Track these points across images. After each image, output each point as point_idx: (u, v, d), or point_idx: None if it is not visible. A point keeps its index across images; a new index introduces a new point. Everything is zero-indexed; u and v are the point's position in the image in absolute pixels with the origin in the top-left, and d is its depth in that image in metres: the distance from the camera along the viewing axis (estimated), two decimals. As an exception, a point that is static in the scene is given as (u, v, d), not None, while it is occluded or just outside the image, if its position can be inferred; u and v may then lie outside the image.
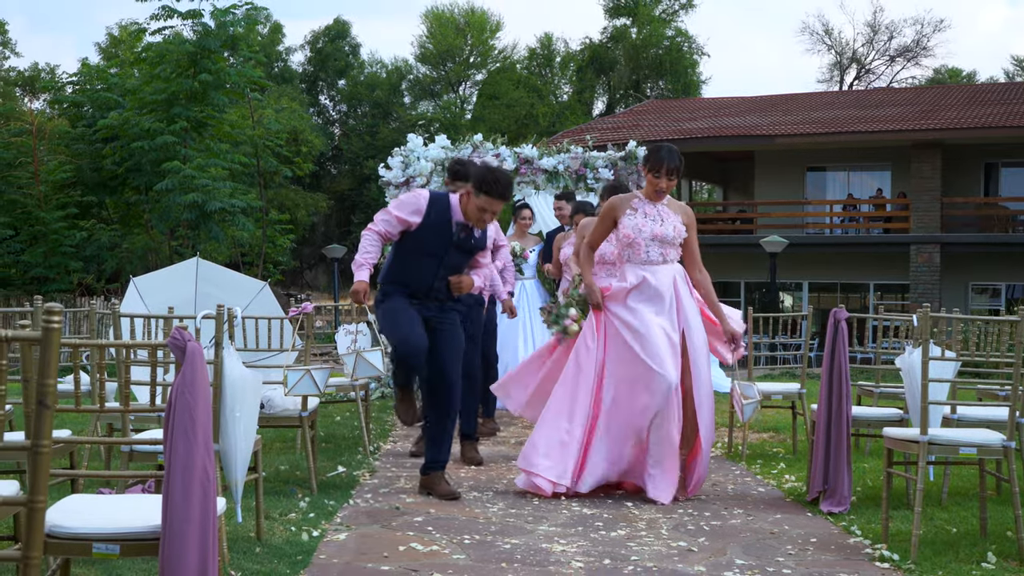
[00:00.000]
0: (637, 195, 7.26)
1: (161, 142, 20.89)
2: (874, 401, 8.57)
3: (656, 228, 7.07)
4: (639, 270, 7.09)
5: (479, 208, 6.73)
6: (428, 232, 6.79)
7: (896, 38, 54.66)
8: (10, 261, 22.46)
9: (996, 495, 7.07)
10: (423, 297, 6.87)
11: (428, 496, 6.91)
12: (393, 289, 6.90)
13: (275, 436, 9.40)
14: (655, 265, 7.09)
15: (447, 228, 6.81)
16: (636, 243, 7.08)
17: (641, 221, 7.10)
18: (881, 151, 31.15)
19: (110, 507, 3.83)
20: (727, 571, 5.20)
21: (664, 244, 7.10)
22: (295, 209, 40.63)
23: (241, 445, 5.27)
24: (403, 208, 6.82)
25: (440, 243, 6.81)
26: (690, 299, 7.17)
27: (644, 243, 7.07)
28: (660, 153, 7.12)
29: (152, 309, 7.07)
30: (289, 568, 5.09)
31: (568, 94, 56.79)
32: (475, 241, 6.96)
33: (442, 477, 6.99)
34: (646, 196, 7.20)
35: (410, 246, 6.85)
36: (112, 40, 47.93)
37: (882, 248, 29.99)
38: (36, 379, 2.31)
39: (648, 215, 7.12)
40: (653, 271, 7.07)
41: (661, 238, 7.08)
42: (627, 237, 7.11)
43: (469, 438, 8.54)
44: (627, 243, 7.12)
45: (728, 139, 31.03)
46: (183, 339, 3.55)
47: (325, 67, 55.88)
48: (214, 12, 22.22)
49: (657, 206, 7.18)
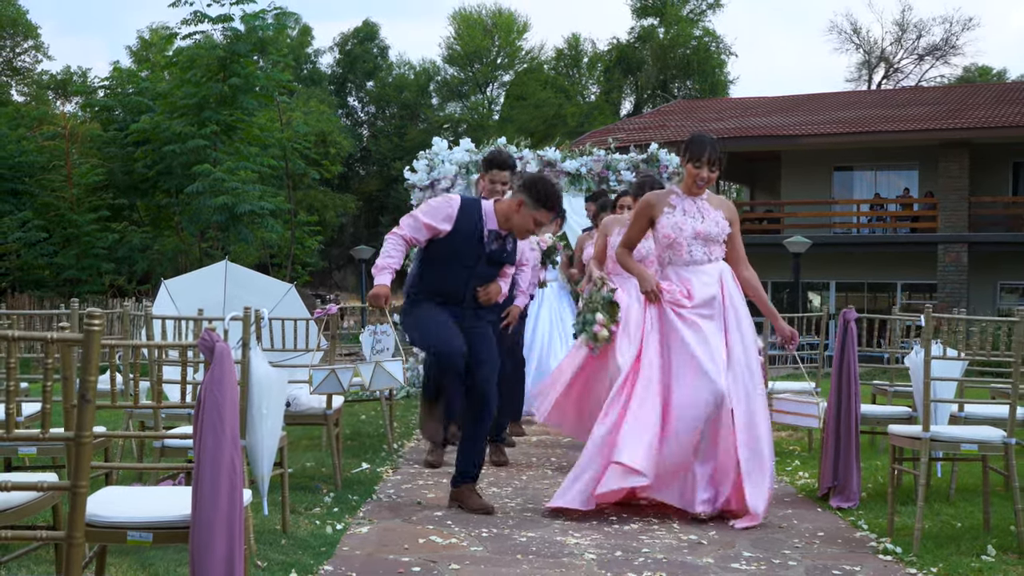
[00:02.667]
0: (675, 190, 6.68)
1: (191, 145, 21.23)
2: (888, 400, 8.72)
3: (698, 225, 6.51)
4: (683, 272, 6.54)
5: (536, 222, 6.40)
6: (458, 241, 6.41)
7: (925, 36, 54.62)
8: (43, 263, 22.85)
9: (1005, 491, 7.22)
10: (454, 305, 6.53)
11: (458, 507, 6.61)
12: (422, 297, 6.58)
13: (302, 434, 9.64)
14: (700, 265, 6.53)
15: (479, 237, 6.44)
16: (677, 243, 6.52)
17: (681, 219, 6.53)
18: (908, 150, 31.18)
19: (143, 498, 4.06)
20: (734, 563, 5.40)
21: (708, 242, 6.54)
22: (324, 210, 41.00)
23: (267, 441, 5.50)
24: (433, 214, 6.43)
25: (470, 253, 6.45)
26: (741, 301, 6.60)
27: (686, 243, 6.51)
28: (703, 141, 6.55)
29: (182, 311, 7.32)
30: (313, 559, 5.31)
31: (596, 94, 56.97)
32: (507, 254, 6.62)
33: (473, 490, 6.63)
34: (684, 191, 6.62)
35: (438, 254, 6.48)
36: (143, 44, 48.42)
37: (910, 248, 30.01)
38: (80, 376, 2.54)
39: (688, 212, 6.55)
40: (698, 273, 6.52)
41: (705, 236, 6.51)
42: (667, 237, 6.53)
43: (497, 440, 8.45)
44: (667, 244, 6.55)
45: (754, 139, 31.13)
46: (212, 340, 3.77)
47: (354, 69, 56.27)
48: (243, 17, 22.53)
49: (697, 201, 6.60)
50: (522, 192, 6.41)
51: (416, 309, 6.60)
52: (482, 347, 6.54)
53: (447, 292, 6.52)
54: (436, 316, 6.48)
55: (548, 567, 5.29)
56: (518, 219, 6.42)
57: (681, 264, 6.55)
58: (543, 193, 6.34)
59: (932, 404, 6.72)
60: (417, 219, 6.45)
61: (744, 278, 6.69)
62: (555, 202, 6.38)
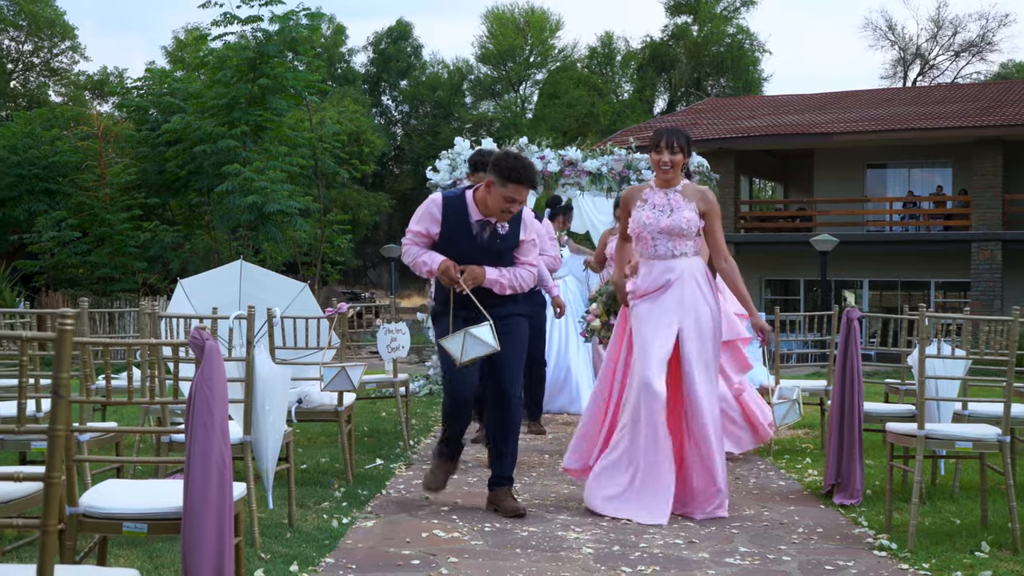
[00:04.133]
0: (650, 184, 6.73)
1: (222, 145, 21.42)
2: (900, 398, 8.75)
3: (664, 220, 6.53)
4: (646, 265, 6.64)
5: (505, 199, 6.11)
6: (450, 239, 6.27)
7: (960, 33, 54.21)
8: (77, 262, 23.14)
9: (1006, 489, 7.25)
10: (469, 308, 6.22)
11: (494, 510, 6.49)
12: (443, 310, 6.38)
13: (320, 430, 9.78)
14: (664, 260, 6.57)
15: (468, 230, 6.25)
16: (643, 237, 6.61)
17: (648, 213, 6.59)
18: (942, 148, 31.03)
19: (140, 491, 4.21)
20: (729, 557, 5.48)
21: (674, 237, 6.53)
22: (358, 209, 41.23)
23: (271, 437, 5.64)
24: (421, 221, 6.34)
25: (465, 248, 6.24)
26: (701, 301, 6.55)
27: (651, 237, 6.57)
28: (658, 130, 6.64)
29: (198, 309, 7.45)
30: (316, 551, 5.44)
31: (629, 92, 56.95)
32: (502, 240, 6.31)
33: (508, 493, 6.51)
34: (657, 183, 6.66)
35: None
36: (178, 44, 48.89)
37: (943, 246, 29.86)
38: (54, 374, 2.67)
39: (657, 206, 6.59)
40: (662, 267, 6.56)
41: (669, 230, 6.52)
42: (634, 232, 6.66)
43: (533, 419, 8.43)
44: (636, 237, 6.67)
45: (787, 137, 31.06)
46: (202, 338, 3.90)
47: (387, 68, 56.55)
48: (274, 18, 22.72)
49: (668, 194, 6.60)
50: (489, 170, 6.19)
51: (442, 326, 6.42)
52: (507, 349, 6.29)
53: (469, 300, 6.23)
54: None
55: (545, 560, 5.39)
56: (491, 200, 6.19)
57: (647, 257, 6.65)
58: (508, 167, 6.07)
59: (937, 402, 6.82)
60: (412, 231, 6.40)
61: (723, 270, 6.71)
62: (523, 174, 6.06)
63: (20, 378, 2.78)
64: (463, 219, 6.27)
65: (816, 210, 32.77)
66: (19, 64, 47.34)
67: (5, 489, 4.08)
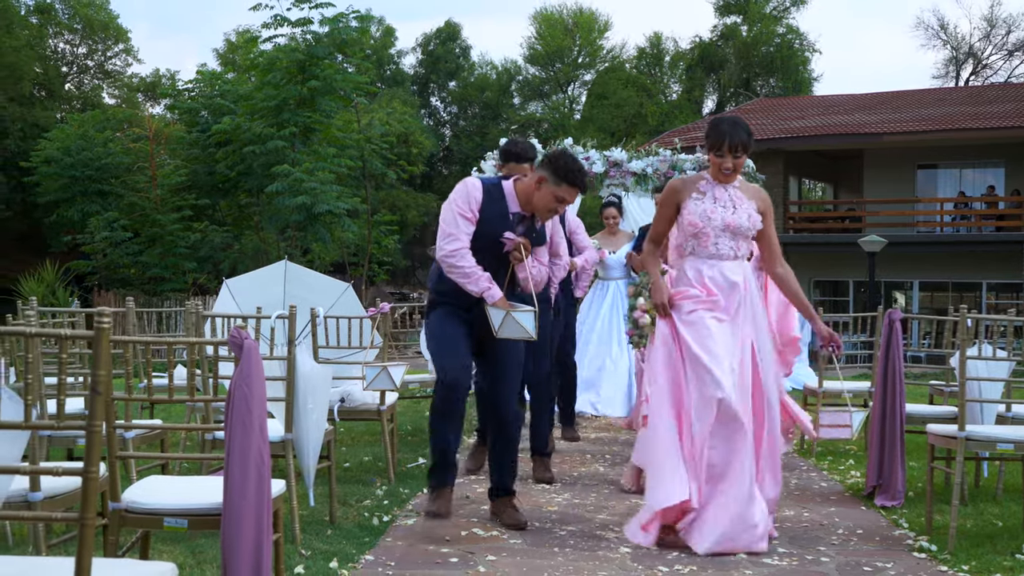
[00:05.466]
0: (704, 176, 6.07)
1: (271, 147, 21.66)
2: (944, 400, 8.70)
3: (728, 216, 5.90)
4: (701, 266, 5.94)
5: (557, 199, 5.89)
6: (487, 227, 5.94)
7: (1014, 32, 53.50)
8: (129, 262, 23.49)
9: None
10: (479, 304, 5.96)
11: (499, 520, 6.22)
12: (443, 300, 6.12)
13: (365, 429, 9.86)
14: (724, 261, 5.92)
15: (505, 221, 5.97)
16: (704, 233, 5.90)
17: (711, 207, 5.92)
18: (995, 148, 30.70)
19: (182, 487, 4.29)
20: (767, 558, 5.48)
21: (737, 236, 5.92)
22: (406, 210, 41.43)
23: (312, 435, 5.72)
24: (463, 202, 5.94)
25: (495, 240, 5.94)
26: (761, 309, 6.08)
27: (714, 233, 5.90)
28: (721, 126, 5.92)
29: (244, 309, 7.56)
30: (355, 548, 5.50)
31: (677, 93, 56.79)
32: (536, 236, 6.10)
33: (510, 503, 6.24)
34: (713, 177, 6.03)
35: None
36: (229, 46, 49.33)
37: (995, 247, 29.54)
38: (92, 370, 2.74)
39: (719, 200, 5.95)
40: (720, 268, 5.92)
41: (734, 228, 5.90)
42: (693, 226, 5.91)
43: (541, 454, 7.81)
44: (693, 232, 5.93)
45: (837, 137, 30.88)
46: (240, 337, 3.96)
47: (436, 69, 56.71)
48: (324, 20, 22.92)
49: (728, 189, 5.99)
50: (542, 168, 5.94)
51: (434, 316, 6.18)
52: (505, 353, 6.09)
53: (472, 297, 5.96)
54: (450, 333, 6.06)
55: (582, 559, 5.42)
56: (539, 198, 5.93)
57: (704, 256, 5.94)
58: (564, 168, 5.86)
59: (979, 404, 6.78)
60: (459, 215, 5.92)
61: (778, 276, 6.18)
62: (577, 176, 5.88)
63: (59, 375, 2.85)
64: (503, 210, 5.99)
65: (866, 211, 32.55)
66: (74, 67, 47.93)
67: (47, 484, 4.17)
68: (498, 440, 6.28)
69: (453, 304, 6.07)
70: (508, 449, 6.28)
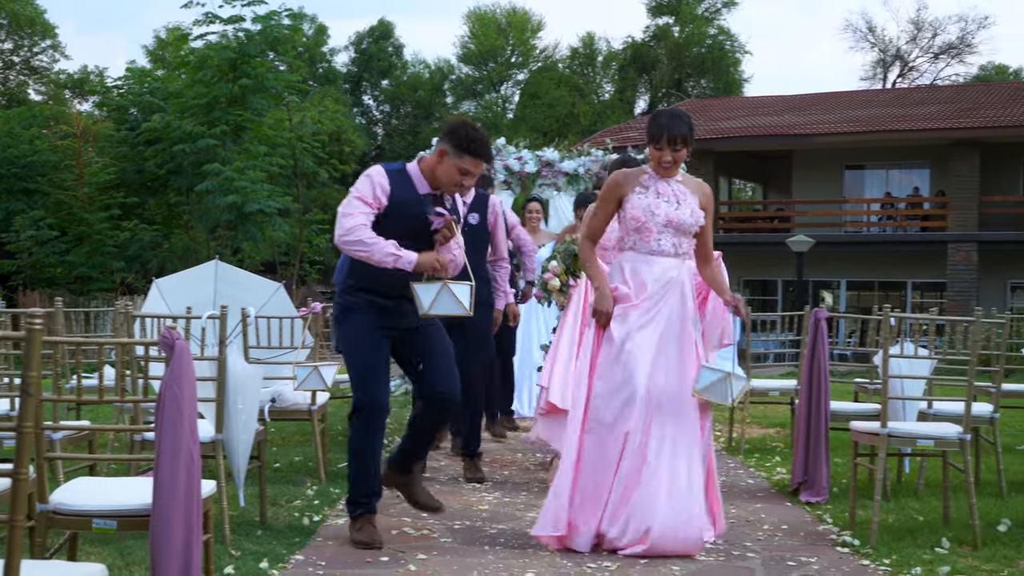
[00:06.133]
0: (646, 170, 5.91)
1: (202, 145, 21.49)
2: (868, 398, 8.86)
3: (672, 212, 5.77)
4: (639, 263, 5.82)
5: (460, 171, 5.51)
6: (401, 213, 5.53)
7: (940, 35, 54.52)
8: (55, 261, 23.17)
9: (978, 485, 7.37)
10: (396, 301, 5.63)
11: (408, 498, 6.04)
12: (356, 302, 5.68)
13: (296, 429, 9.84)
14: (665, 257, 5.80)
15: (419, 204, 5.55)
16: (646, 228, 5.77)
17: (654, 201, 5.78)
18: (920, 149, 31.21)
19: (110, 488, 4.27)
20: (690, 555, 5.56)
21: (679, 232, 5.80)
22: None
23: (242, 435, 5.71)
24: (364, 187, 5.50)
25: (414, 225, 5.54)
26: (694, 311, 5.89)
27: (656, 229, 5.77)
28: (660, 119, 5.78)
29: (173, 309, 7.50)
30: (286, 549, 5.50)
31: (610, 93, 57.07)
32: (453, 212, 5.74)
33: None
34: (655, 171, 5.87)
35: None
36: (159, 43, 48.76)
37: (920, 247, 30.04)
38: (23, 372, 2.73)
39: (662, 194, 5.80)
40: (660, 264, 5.79)
41: (677, 225, 5.78)
42: (636, 220, 5.78)
43: (471, 456, 7.75)
44: (635, 227, 5.80)
45: (766, 138, 31.26)
46: (171, 338, 3.96)
47: (369, 67, 56.47)
48: (256, 18, 22.77)
49: (671, 183, 5.85)
50: (443, 140, 5.56)
51: (348, 321, 5.72)
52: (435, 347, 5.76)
53: (390, 282, 5.55)
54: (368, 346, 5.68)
55: (512, 557, 5.47)
56: (442, 171, 5.55)
57: (645, 252, 5.81)
58: (466, 138, 5.49)
59: (902, 401, 6.93)
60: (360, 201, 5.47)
61: (707, 277, 6.02)
62: (480, 146, 5.50)
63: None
64: (412, 193, 5.57)
65: (795, 211, 32.96)
66: (-1, 63, 47.18)
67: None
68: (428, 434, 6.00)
69: (365, 307, 5.66)
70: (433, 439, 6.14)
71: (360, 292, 5.66)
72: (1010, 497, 7.00)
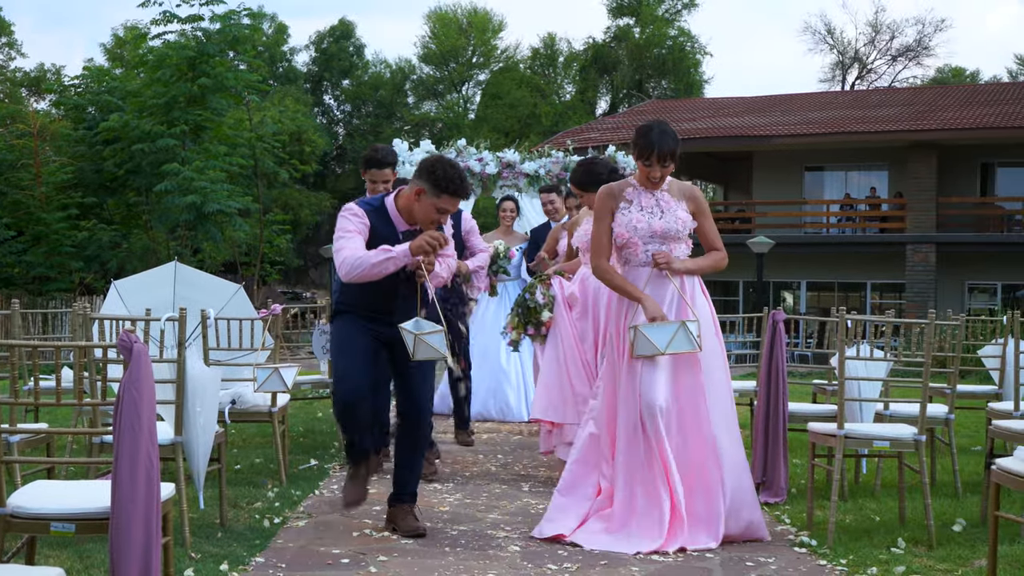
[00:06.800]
0: (631, 182, 6.04)
1: (161, 144, 21.35)
2: (827, 399, 8.93)
3: (656, 222, 5.92)
4: (638, 277, 5.98)
5: (438, 210, 5.68)
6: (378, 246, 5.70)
7: (898, 38, 55.00)
8: (12, 261, 22.95)
9: (933, 485, 7.46)
10: (386, 315, 5.85)
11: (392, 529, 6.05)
12: (348, 311, 5.95)
13: (256, 431, 9.79)
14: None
15: (395, 240, 5.74)
16: (632, 243, 5.95)
17: (636, 216, 5.94)
18: (878, 151, 31.50)
19: (68, 491, 4.25)
20: (654, 554, 5.60)
21: (667, 240, 5.94)
22: (299, 209, 41.06)
23: (202, 438, 5.69)
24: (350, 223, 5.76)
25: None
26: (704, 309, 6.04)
27: (642, 242, 5.94)
28: (650, 136, 5.86)
29: (132, 311, 7.46)
30: (246, 551, 5.49)
31: (571, 94, 57.14)
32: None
33: (410, 511, 6.05)
34: (640, 183, 6.01)
35: None
36: (117, 41, 48.36)
37: (879, 248, 30.31)
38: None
39: (645, 207, 5.95)
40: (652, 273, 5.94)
41: (663, 233, 5.92)
42: (621, 237, 5.96)
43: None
44: (621, 244, 5.99)
45: (726, 139, 31.43)
46: (130, 340, 3.95)
47: (329, 67, 56.24)
48: (214, 17, 22.65)
49: (655, 194, 5.97)
50: (420, 179, 5.68)
51: (338, 325, 5.99)
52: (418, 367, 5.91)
53: (378, 303, 5.86)
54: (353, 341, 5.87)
55: (473, 559, 5.48)
56: (419, 210, 5.71)
57: (636, 265, 5.99)
58: (444, 178, 5.61)
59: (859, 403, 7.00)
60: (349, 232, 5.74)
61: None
62: (457, 185, 5.63)
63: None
64: (390, 229, 5.81)
65: (755, 212, 33.16)
66: (-46, 60, 46.69)
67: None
68: (405, 439, 6.06)
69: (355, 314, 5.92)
70: (415, 461, 6.10)
71: (352, 307, 5.96)
72: (965, 497, 7.08)
